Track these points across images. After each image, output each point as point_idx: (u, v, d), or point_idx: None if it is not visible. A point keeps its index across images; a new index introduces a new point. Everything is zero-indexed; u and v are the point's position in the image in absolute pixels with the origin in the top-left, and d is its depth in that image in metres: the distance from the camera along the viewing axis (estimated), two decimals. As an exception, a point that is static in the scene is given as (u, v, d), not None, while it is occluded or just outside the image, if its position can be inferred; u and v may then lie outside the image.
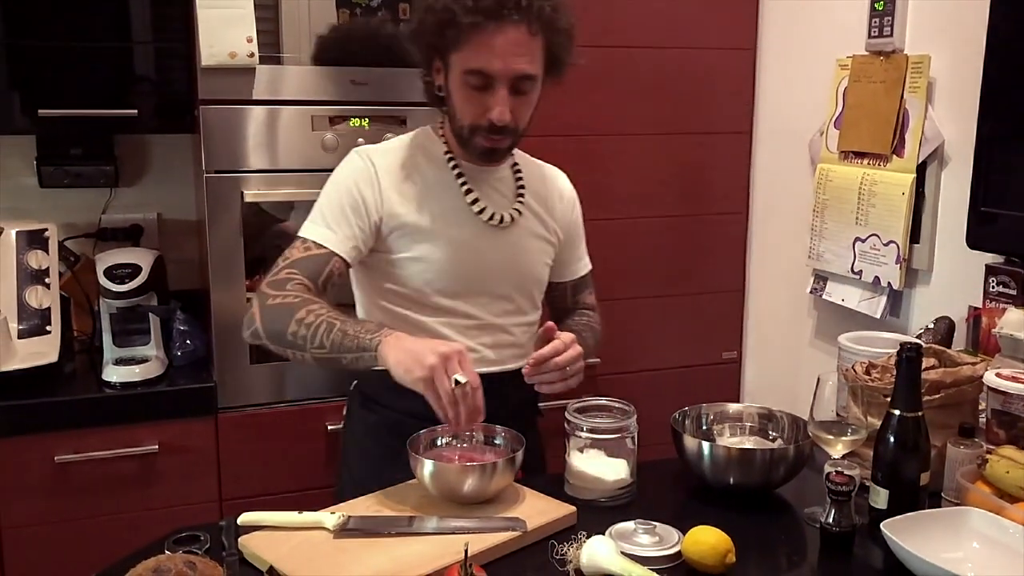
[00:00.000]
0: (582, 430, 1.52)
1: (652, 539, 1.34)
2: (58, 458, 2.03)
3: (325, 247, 1.57)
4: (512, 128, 1.57)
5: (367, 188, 1.60)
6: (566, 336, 1.54)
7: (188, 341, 2.30)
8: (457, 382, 1.35)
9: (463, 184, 1.64)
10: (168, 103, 2.24)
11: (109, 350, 2.23)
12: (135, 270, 2.20)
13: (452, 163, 1.66)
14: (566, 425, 1.53)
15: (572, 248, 1.82)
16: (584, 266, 1.87)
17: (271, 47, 2.12)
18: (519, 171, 1.73)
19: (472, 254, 1.64)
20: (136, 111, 2.20)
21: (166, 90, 2.24)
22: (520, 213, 1.68)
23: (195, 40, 2.05)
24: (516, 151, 1.74)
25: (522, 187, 1.71)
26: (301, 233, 1.61)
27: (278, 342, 1.51)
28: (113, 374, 2.14)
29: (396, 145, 1.69)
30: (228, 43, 2.04)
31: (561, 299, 1.86)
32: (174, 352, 2.29)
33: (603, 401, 1.57)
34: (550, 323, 1.59)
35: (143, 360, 2.20)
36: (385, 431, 1.66)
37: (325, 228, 1.59)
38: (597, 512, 1.46)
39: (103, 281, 2.18)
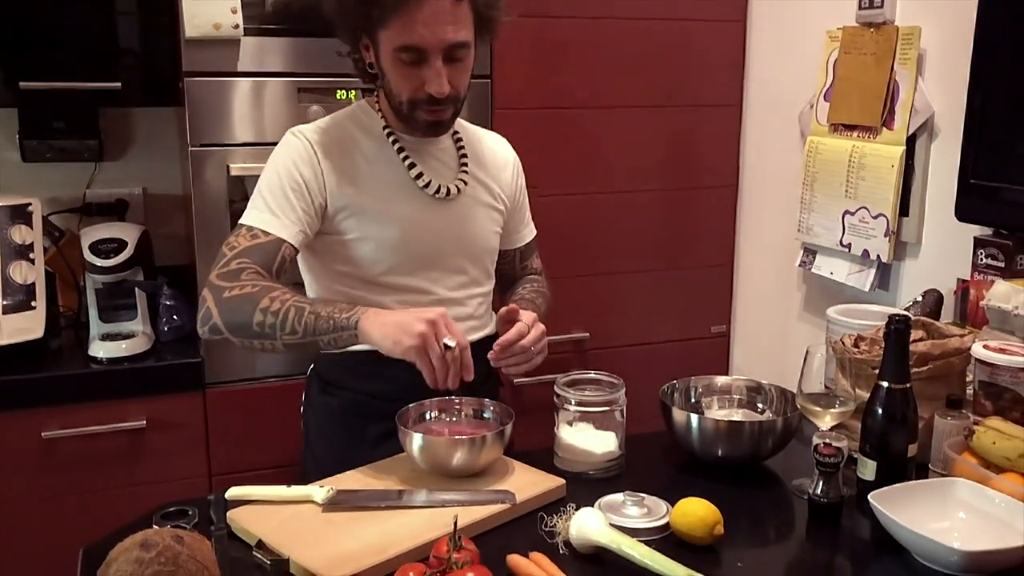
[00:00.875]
0: (571, 403, 1.52)
1: (641, 511, 1.34)
2: (45, 434, 2.02)
3: (272, 234, 1.52)
4: (453, 96, 1.54)
5: (307, 169, 1.56)
6: (528, 317, 1.54)
7: (175, 316, 2.29)
8: (447, 346, 1.36)
9: (405, 158, 1.61)
10: (152, 76, 2.22)
11: (95, 325, 2.21)
12: (120, 245, 2.18)
13: (391, 137, 1.62)
14: (555, 398, 1.53)
15: (519, 214, 1.81)
16: (530, 231, 1.86)
17: (256, 19, 2.10)
18: (460, 140, 1.70)
19: (421, 229, 1.61)
20: (120, 84, 2.17)
21: (150, 62, 2.22)
22: (465, 183, 1.65)
23: (179, 11, 2.03)
24: (458, 121, 1.70)
25: (464, 156, 1.69)
26: (244, 221, 1.55)
27: (242, 333, 1.45)
28: (100, 350, 2.13)
29: (332, 123, 1.64)
30: (212, 14, 2.01)
31: (509, 266, 1.85)
32: (161, 327, 2.27)
33: (592, 375, 1.57)
34: (512, 305, 1.58)
35: (130, 335, 2.19)
36: (347, 414, 1.66)
37: (269, 214, 1.53)
38: (586, 484, 1.46)
39: (88, 256, 2.16)
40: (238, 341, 1.48)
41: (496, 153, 1.77)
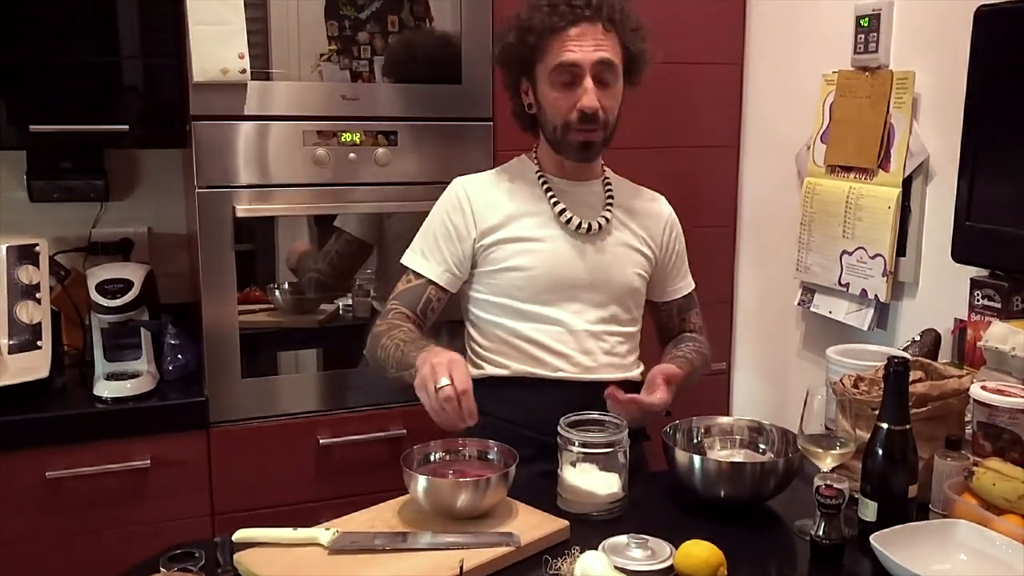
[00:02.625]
0: (574, 444, 1.53)
1: (644, 553, 1.35)
2: (49, 474, 2.02)
3: (422, 276, 1.75)
4: (603, 120, 1.69)
5: (457, 215, 1.76)
6: (660, 398, 1.60)
7: (179, 355, 2.30)
8: (439, 386, 1.42)
9: (551, 196, 1.77)
10: (158, 118, 2.25)
11: (100, 365, 2.22)
12: (127, 285, 2.19)
13: (542, 179, 1.79)
14: (558, 439, 1.55)
15: (671, 268, 1.91)
16: (687, 285, 1.96)
17: (261, 61, 2.13)
18: (609, 186, 1.84)
19: (561, 261, 1.74)
20: (127, 126, 2.20)
21: (156, 105, 2.24)
22: (608, 220, 1.78)
23: (186, 55, 2.06)
24: (611, 173, 1.86)
25: (611, 199, 1.81)
26: (403, 261, 1.79)
27: (373, 364, 1.72)
28: (104, 389, 2.14)
29: (492, 172, 1.86)
30: (220, 59, 2.04)
31: (668, 319, 1.96)
32: (165, 366, 2.28)
33: (595, 415, 1.58)
34: (666, 375, 1.64)
35: (134, 375, 2.20)
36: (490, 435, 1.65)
37: (420, 257, 1.77)
38: (590, 526, 1.47)
39: (95, 296, 2.17)
40: (376, 369, 1.71)
41: (648, 206, 1.89)
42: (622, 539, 1.38)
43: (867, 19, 2.13)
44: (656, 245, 1.86)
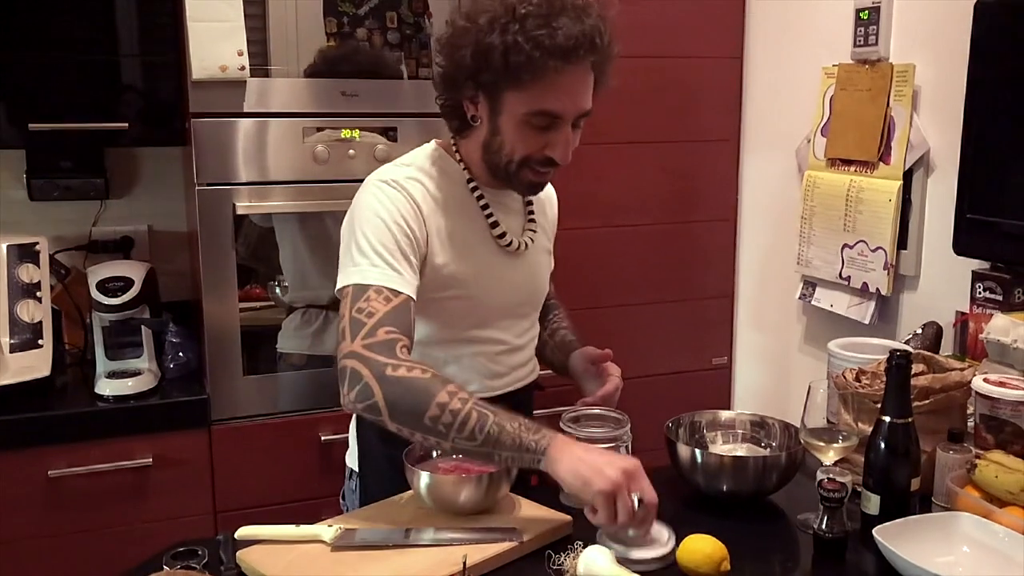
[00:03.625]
0: (577, 440, 1.52)
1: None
2: (51, 472, 2.03)
3: (402, 293, 1.44)
4: (563, 162, 1.52)
5: (414, 223, 1.49)
6: (616, 370, 1.62)
7: (180, 353, 2.30)
8: (639, 501, 1.30)
9: (484, 208, 1.59)
10: (157, 116, 2.25)
11: (101, 363, 2.22)
12: (127, 283, 2.20)
13: (472, 185, 1.58)
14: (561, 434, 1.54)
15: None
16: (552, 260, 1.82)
17: (259, 58, 2.13)
18: None
19: (495, 281, 1.61)
20: (126, 124, 2.20)
21: (155, 103, 2.24)
22: (532, 241, 1.66)
23: (185, 53, 2.06)
24: None
25: (531, 206, 1.69)
26: (366, 280, 1.43)
27: (409, 423, 1.35)
28: (106, 387, 2.14)
29: (418, 171, 1.55)
30: (218, 56, 2.04)
31: None
32: (166, 364, 2.29)
33: (597, 411, 1.58)
34: (607, 350, 1.64)
35: (136, 373, 2.20)
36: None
37: (393, 272, 1.44)
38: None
39: (96, 294, 2.18)
40: (396, 428, 1.37)
41: (546, 195, 1.75)
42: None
43: (867, 12, 2.13)
44: (552, 234, 1.77)
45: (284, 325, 2.35)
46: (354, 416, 1.69)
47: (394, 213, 1.48)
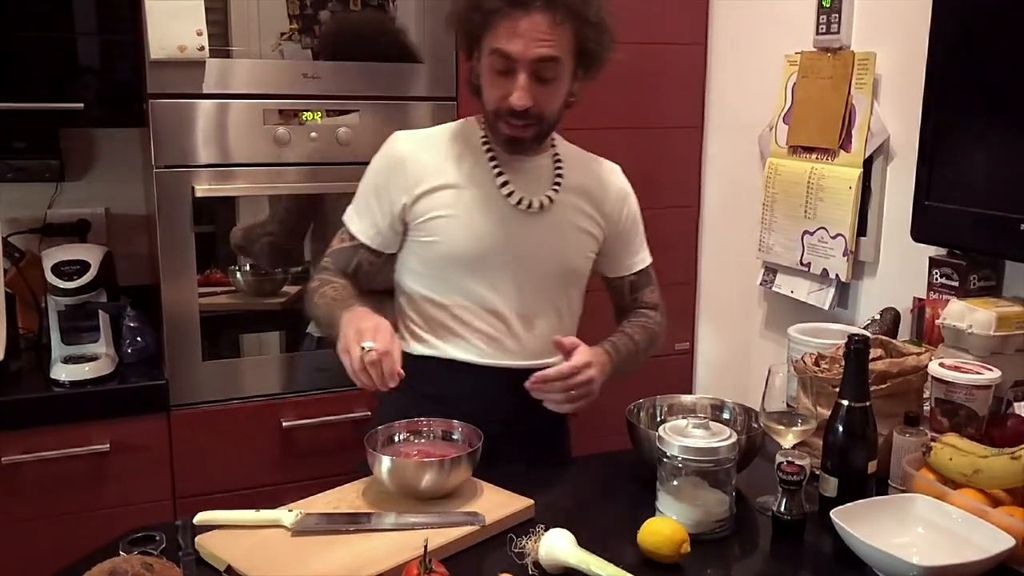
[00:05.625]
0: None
1: (705, 432, 1.39)
2: (6, 459, 1.99)
3: (356, 237, 1.68)
4: (536, 116, 1.57)
5: (394, 174, 1.65)
6: (580, 358, 1.55)
7: (139, 338, 2.27)
8: (363, 348, 1.40)
9: (495, 168, 1.64)
10: (115, 96, 2.21)
11: (57, 348, 2.19)
12: (83, 266, 2.16)
13: (487, 147, 1.66)
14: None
15: (623, 242, 1.79)
16: (641, 261, 1.84)
17: (220, 39, 2.09)
18: (559, 161, 1.71)
19: (499, 238, 1.63)
20: (82, 104, 2.16)
21: (112, 83, 2.20)
22: (552, 200, 1.66)
23: (143, 32, 2.02)
24: (563, 142, 1.76)
25: (559, 175, 1.69)
26: (344, 218, 1.72)
27: (313, 320, 1.74)
28: (62, 372, 2.10)
29: (436, 131, 1.73)
30: (177, 36, 2.01)
31: (619, 296, 1.85)
32: (124, 349, 2.25)
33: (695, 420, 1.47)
34: (569, 338, 1.59)
35: (93, 358, 2.16)
36: (409, 410, 1.62)
37: (354, 214, 1.70)
38: (555, 505, 1.47)
39: (51, 278, 2.14)
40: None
41: (600, 178, 1.76)
42: (681, 422, 1.43)
43: (829, 0, 2.14)
44: (606, 220, 1.74)
45: None
46: None
47: (378, 165, 1.69)
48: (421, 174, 1.64)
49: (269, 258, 2.36)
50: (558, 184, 1.69)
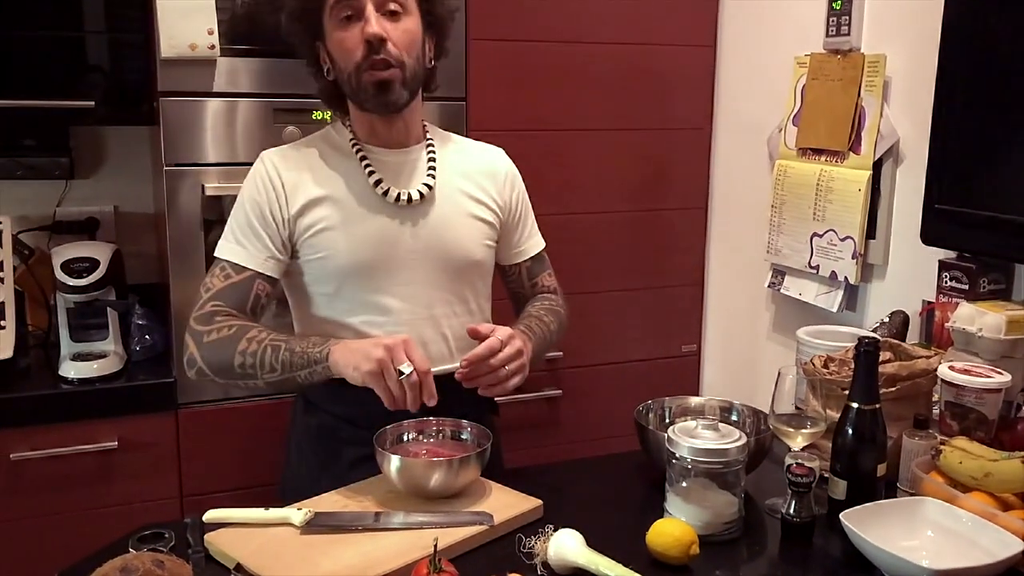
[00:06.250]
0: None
1: (715, 434, 1.38)
2: (14, 456, 2.00)
3: (245, 268, 1.54)
4: (396, 56, 1.52)
5: (270, 192, 1.57)
6: (502, 332, 1.49)
7: (147, 336, 2.27)
8: (401, 372, 1.36)
9: (366, 167, 1.59)
10: (125, 94, 2.21)
11: (66, 345, 2.19)
12: (93, 264, 2.16)
13: (356, 147, 1.61)
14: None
15: (518, 227, 1.75)
16: (535, 245, 1.79)
17: (230, 38, 2.09)
18: (432, 149, 1.66)
19: (385, 240, 1.57)
20: (92, 102, 2.16)
21: (123, 81, 2.21)
22: (430, 188, 1.60)
23: (153, 31, 2.03)
24: (441, 132, 1.71)
25: (432, 162, 1.64)
26: (217, 253, 1.58)
27: (227, 376, 1.51)
28: (70, 370, 2.11)
29: (302, 143, 1.67)
30: (188, 35, 2.01)
31: (517, 283, 1.79)
32: (132, 347, 2.25)
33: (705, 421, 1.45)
34: (479, 325, 1.53)
35: (101, 355, 2.17)
36: (324, 435, 1.65)
37: (237, 245, 1.56)
38: (563, 505, 1.47)
39: (60, 275, 2.14)
40: (223, 381, 1.53)
41: (485, 164, 1.71)
42: (691, 424, 1.42)
43: (839, 2, 2.14)
44: (499, 205, 1.69)
45: None
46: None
47: (251, 189, 1.59)
48: (295, 189, 1.57)
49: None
50: (432, 171, 1.62)
